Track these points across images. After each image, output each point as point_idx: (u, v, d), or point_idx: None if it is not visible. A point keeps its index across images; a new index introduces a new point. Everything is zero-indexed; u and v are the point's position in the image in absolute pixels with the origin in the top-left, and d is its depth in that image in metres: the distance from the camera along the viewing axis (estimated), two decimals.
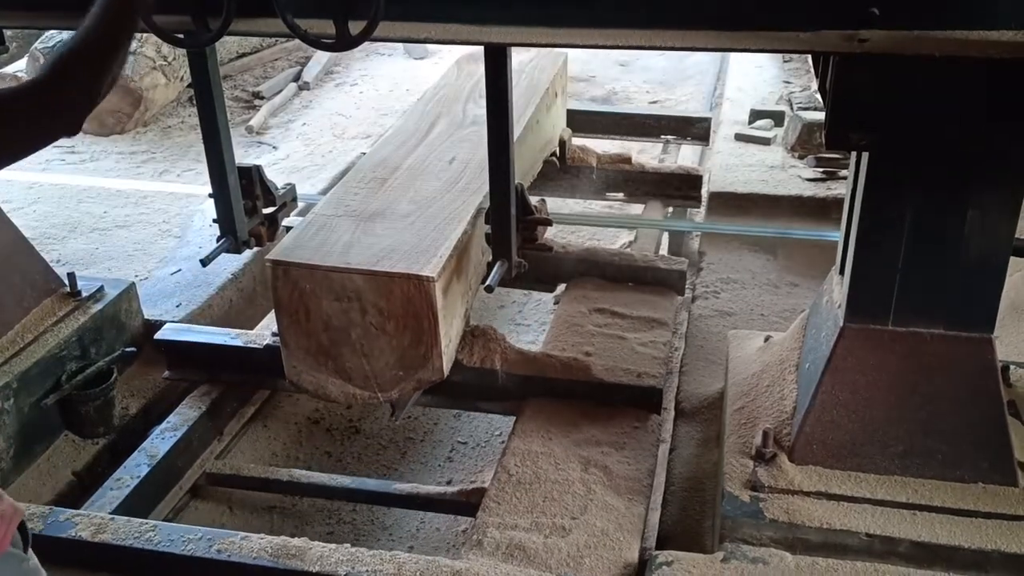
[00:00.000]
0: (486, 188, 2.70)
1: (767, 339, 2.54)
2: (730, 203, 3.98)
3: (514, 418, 2.61)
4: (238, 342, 2.78)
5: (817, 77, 2.17)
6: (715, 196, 4.01)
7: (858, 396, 2.08)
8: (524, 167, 3.19)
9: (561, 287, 3.42)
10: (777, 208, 3.92)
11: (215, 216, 2.78)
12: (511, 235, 2.44)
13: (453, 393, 2.66)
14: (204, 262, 2.56)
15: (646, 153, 5.19)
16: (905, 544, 1.97)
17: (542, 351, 2.74)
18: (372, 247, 2.39)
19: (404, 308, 2.28)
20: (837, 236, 3.66)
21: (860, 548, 2.00)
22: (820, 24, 1.75)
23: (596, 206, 4.40)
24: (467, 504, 2.60)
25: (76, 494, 2.62)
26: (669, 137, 4.59)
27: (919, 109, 1.84)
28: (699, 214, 4.08)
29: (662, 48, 1.87)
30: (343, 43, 1.84)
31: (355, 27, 1.85)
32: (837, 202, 3.92)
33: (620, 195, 4.10)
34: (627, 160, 4.13)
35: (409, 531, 2.96)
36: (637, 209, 4.15)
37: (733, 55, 6.15)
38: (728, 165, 4.26)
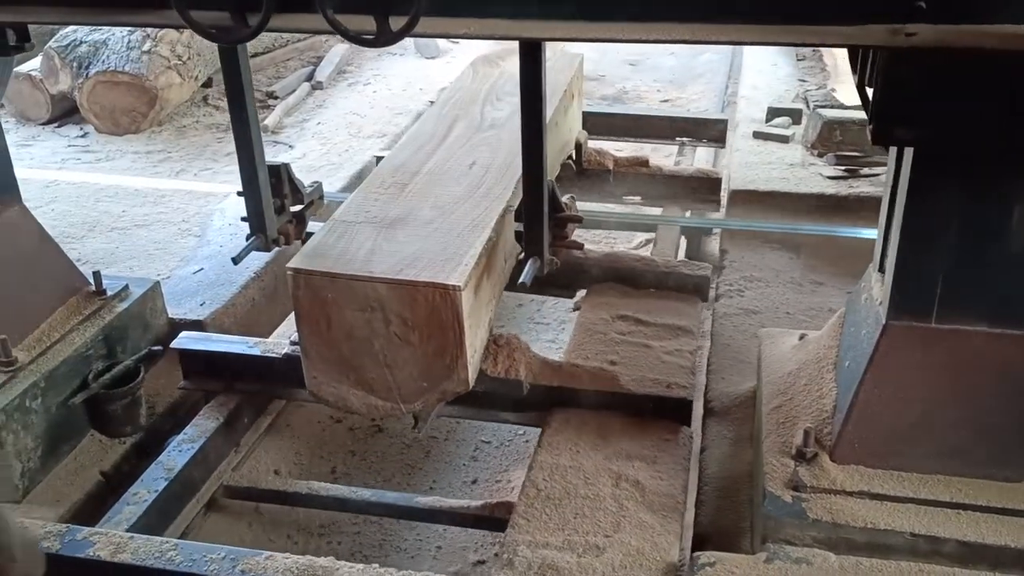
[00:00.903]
0: (508, 194, 2.67)
1: (802, 337, 2.52)
2: (751, 201, 3.96)
3: (539, 430, 2.56)
4: (256, 351, 2.72)
5: (855, 72, 2.14)
6: (736, 194, 3.99)
7: (901, 395, 2.06)
8: None
9: (581, 293, 3.39)
10: (799, 206, 3.89)
11: (243, 214, 2.76)
12: (543, 232, 2.42)
13: (476, 403, 2.59)
14: (235, 260, 2.54)
15: (657, 152, 5.19)
16: (951, 544, 1.95)
17: (567, 361, 2.69)
18: (395, 255, 2.34)
19: (429, 318, 2.23)
20: (859, 233, 3.69)
21: (905, 548, 1.98)
22: (866, 18, 1.73)
23: (612, 207, 4.36)
24: (492, 519, 2.56)
25: (104, 494, 2.60)
26: (684, 139, 4.58)
27: (967, 104, 1.82)
28: (720, 212, 4.05)
29: (705, 42, 1.85)
30: (384, 39, 1.82)
31: (395, 23, 1.83)
32: (859, 200, 3.91)
33: (637, 198, 4.07)
34: (644, 163, 4.10)
35: (436, 531, 2.94)
36: (654, 212, 4.13)
37: (747, 53, 6.14)
38: (748, 163, 4.24)
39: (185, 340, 2.79)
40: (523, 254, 2.52)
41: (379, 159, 4.12)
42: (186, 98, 5.36)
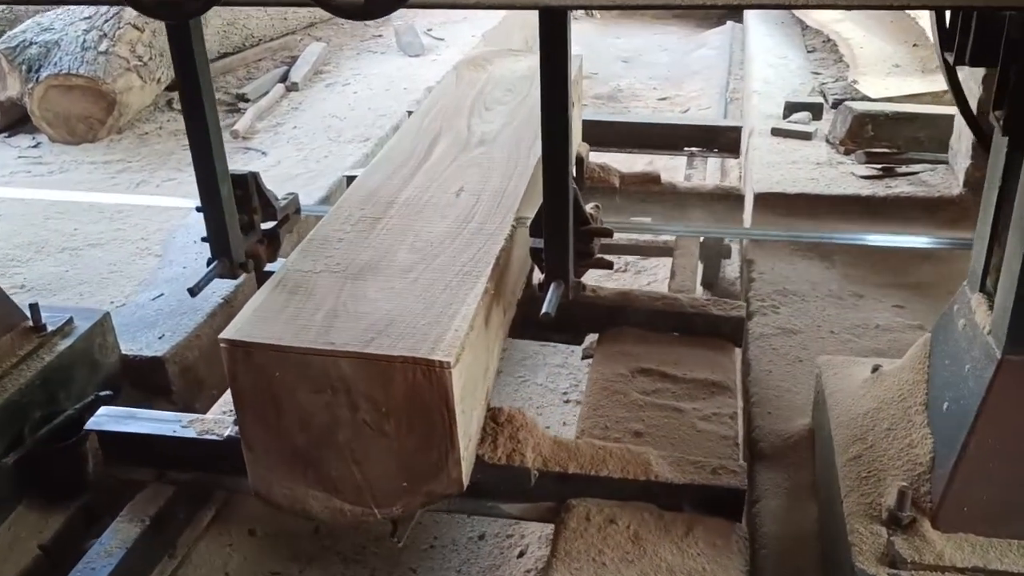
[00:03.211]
0: (506, 229, 2.23)
1: (875, 369, 2.12)
2: (779, 205, 3.56)
3: (552, 529, 2.04)
4: (191, 432, 2.20)
5: (951, 51, 1.76)
6: (761, 198, 3.59)
7: (1022, 445, 1.67)
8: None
9: (591, 338, 2.91)
10: (833, 209, 3.50)
11: (204, 234, 2.33)
12: (568, 249, 1.99)
13: (471, 494, 2.00)
14: (193, 291, 2.11)
15: (657, 162, 4.81)
16: None
17: (584, 435, 2.22)
18: (364, 318, 1.86)
19: (409, 402, 1.77)
20: (903, 241, 3.32)
21: None
22: None
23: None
24: None
25: (44, 572, 2.18)
26: (693, 149, 4.18)
27: None
28: (744, 217, 3.67)
29: (796, 7, 1.46)
30: (373, 8, 1.41)
31: None
32: (899, 202, 3.53)
33: (647, 219, 3.67)
34: (655, 180, 3.69)
35: None
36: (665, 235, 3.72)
37: (752, 46, 5.78)
38: (770, 163, 3.85)
39: (103, 419, 2.28)
40: (543, 277, 2.10)
41: (350, 179, 3.67)
42: (148, 103, 4.92)
